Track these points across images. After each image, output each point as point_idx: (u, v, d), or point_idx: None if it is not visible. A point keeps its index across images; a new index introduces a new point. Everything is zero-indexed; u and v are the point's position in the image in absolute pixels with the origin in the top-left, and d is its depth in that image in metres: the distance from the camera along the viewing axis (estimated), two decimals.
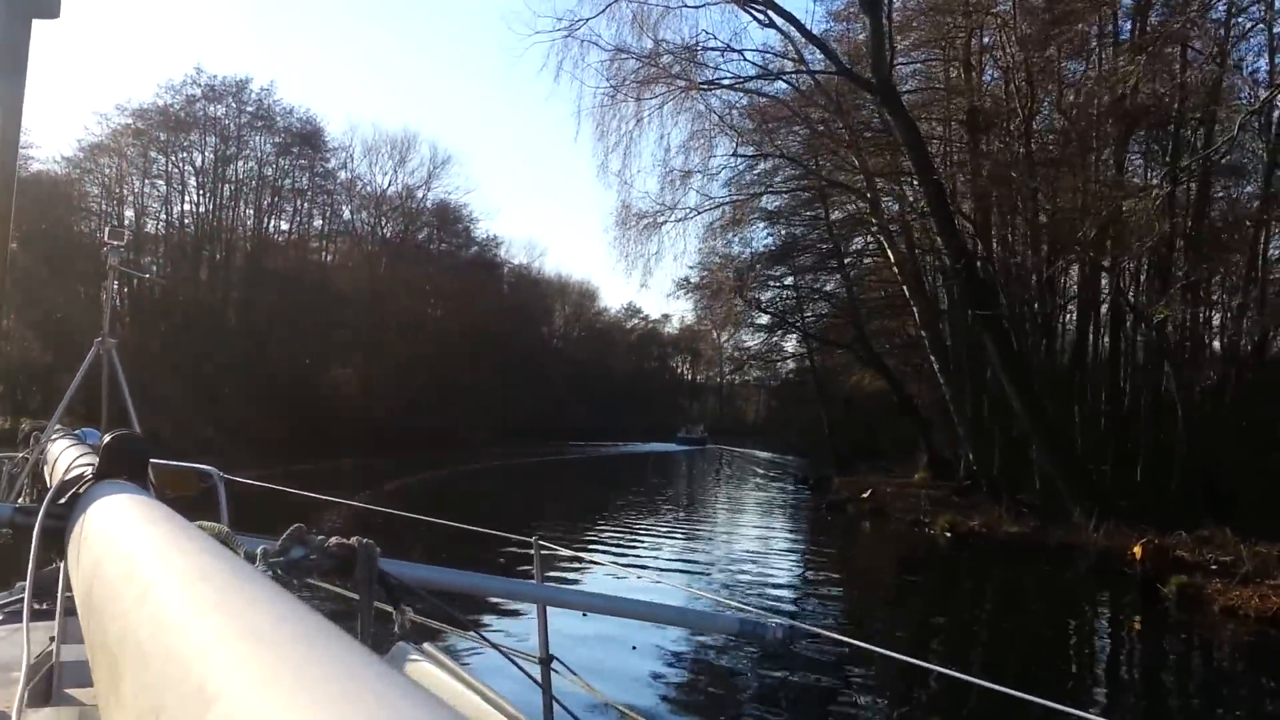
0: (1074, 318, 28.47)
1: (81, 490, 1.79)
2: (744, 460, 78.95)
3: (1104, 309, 26.28)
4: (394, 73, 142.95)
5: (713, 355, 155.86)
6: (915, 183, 26.91)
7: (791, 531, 30.33)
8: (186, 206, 66.19)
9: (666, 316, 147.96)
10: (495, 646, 2.74)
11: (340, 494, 5.75)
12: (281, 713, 0.53)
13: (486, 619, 8.35)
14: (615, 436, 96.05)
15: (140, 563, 1.00)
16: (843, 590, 19.98)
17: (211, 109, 63.86)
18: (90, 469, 1.91)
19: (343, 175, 74.31)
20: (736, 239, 34.88)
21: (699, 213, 32.25)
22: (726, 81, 28.02)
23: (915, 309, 28.10)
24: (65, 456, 2.82)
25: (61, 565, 1.77)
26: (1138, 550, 19.16)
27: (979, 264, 26.42)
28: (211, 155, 64.78)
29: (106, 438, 1.98)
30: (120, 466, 1.87)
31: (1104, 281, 25.62)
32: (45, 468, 3.36)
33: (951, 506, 29.09)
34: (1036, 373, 26.23)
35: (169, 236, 66.19)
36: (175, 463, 4.38)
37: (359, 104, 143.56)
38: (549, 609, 3.20)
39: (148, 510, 1.35)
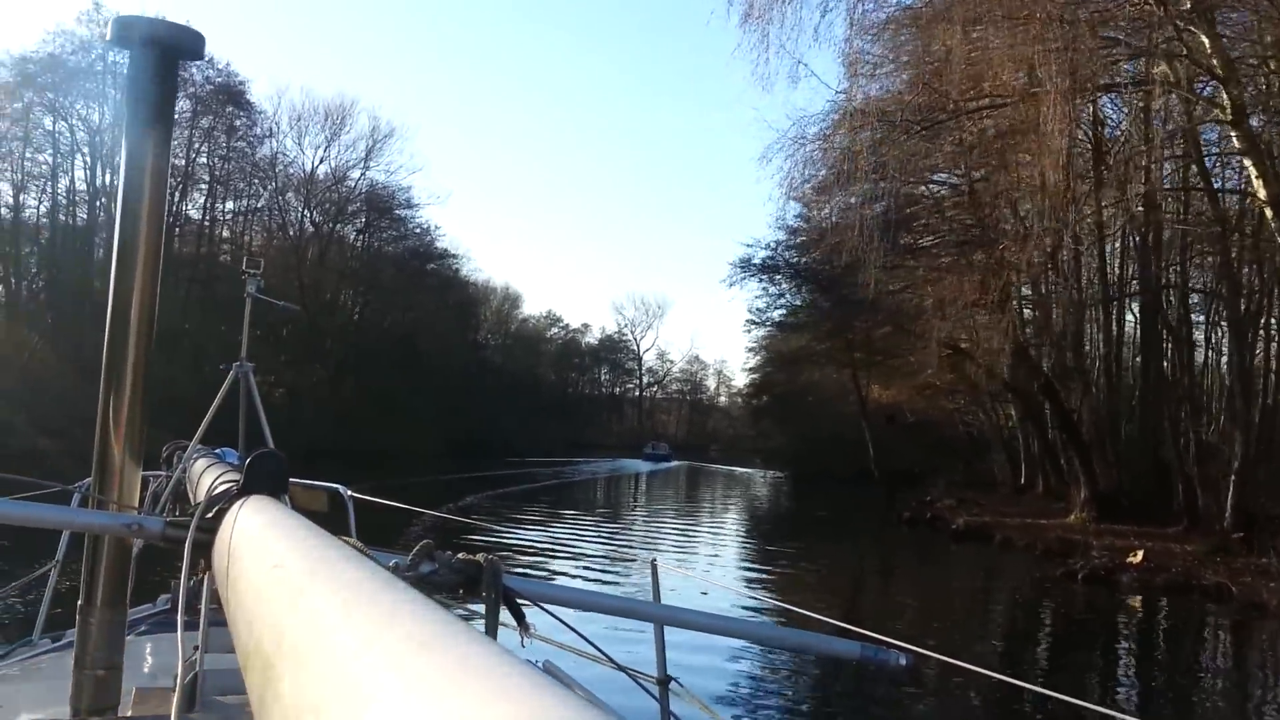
0: None
1: (227, 505, 1.76)
2: (752, 482, 67.22)
3: None
4: (326, 32, 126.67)
5: (631, 366, 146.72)
6: None
7: (1122, 653, 17.35)
8: (78, 178, 51.41)
9: (586, 326, 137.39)
10: (616, 665, 2.54)
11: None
12: (437, 712, 0.53)
13: (606, 638, 3.00)
14: (556, 451, 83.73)
15: (291, 571, 1.02)
16: None
17: (112, 55, 49.39)
18: (235, 485, 1.89)
19: (265, 149, 60.29)
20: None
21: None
22: None
23: None
24: (208, 474, 2.82)
25: (206, 577, 1.82)
26: None
27: None
28: (110, 114, 50.26)
29: (249, 456, 1.95)
30: (263, 483, 1.84)
31: None
32: (188, 485, 3.36)
33: None
34: None
35: (54, 215, 51.33)
36: (307, 481, 4.41)
37: (286, 67, 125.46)
38: (668, 630, 3.12)
39: (292, 523, 1.37)
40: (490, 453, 68.01)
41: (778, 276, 44.59)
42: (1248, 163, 17.50)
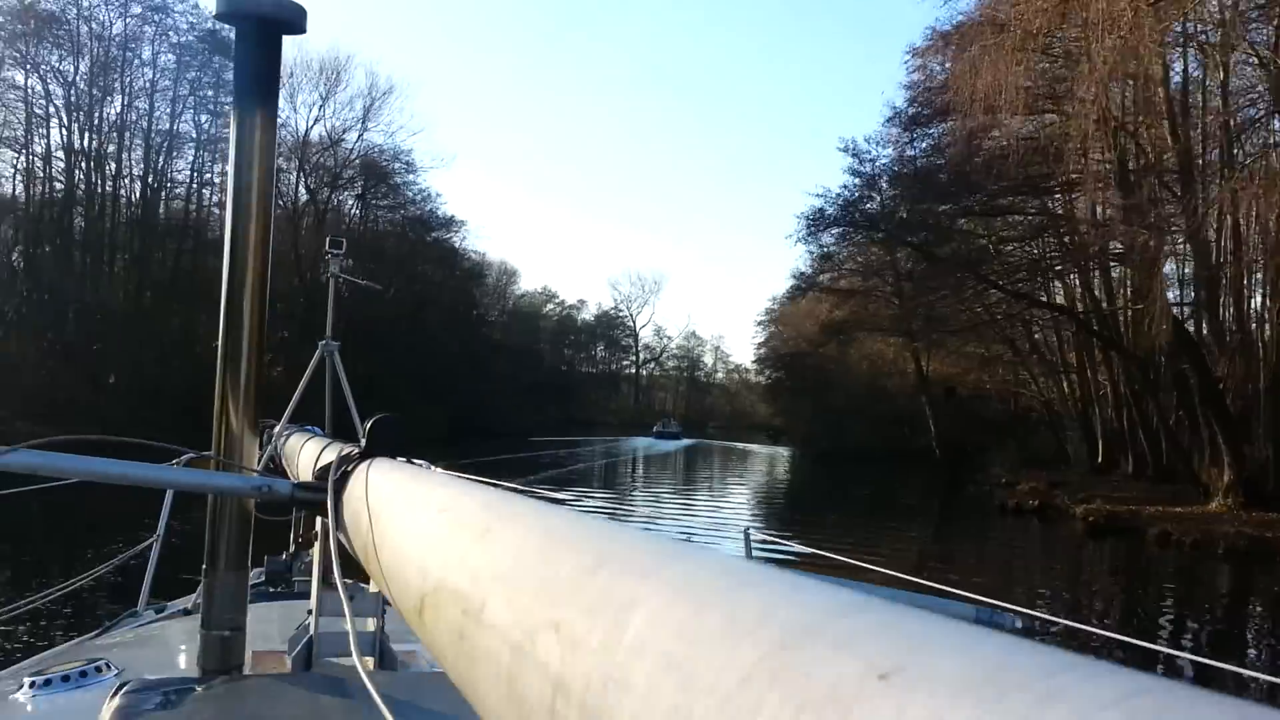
0: None
1: (353, 467, 1.76)
2: (780, 460, 62.32)
3: None
4: None
5: (628, 343, 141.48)
6: None
7: None
8: (54, 139, 45.48)
9: (582, 302, 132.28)
10: None
11: None
12: (697, 608, 0.51)
13: None
14: (557, 430, 78.60)
15: (462, 513, 1.01)
16: None
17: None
18: (356, 449, 1.88)
19: None
20: None
21: None
22: None
23: None
24: (310, 446, 2.80)
25: (318, 543, 1.97)
26: None
27: None
28: (88, 65, 44.53)
29: (371, 422, 1.95)
30: (385, 446, 1.85)
31: None
32: (283, 459, 3.40)
33: None
34: None
35: (29, 179, 45.50)
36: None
37: None
38: None
39: (433, 476, 1.38)
40: (493, 434, 63.19)
41: (850, 231, 38.86)
42: None
